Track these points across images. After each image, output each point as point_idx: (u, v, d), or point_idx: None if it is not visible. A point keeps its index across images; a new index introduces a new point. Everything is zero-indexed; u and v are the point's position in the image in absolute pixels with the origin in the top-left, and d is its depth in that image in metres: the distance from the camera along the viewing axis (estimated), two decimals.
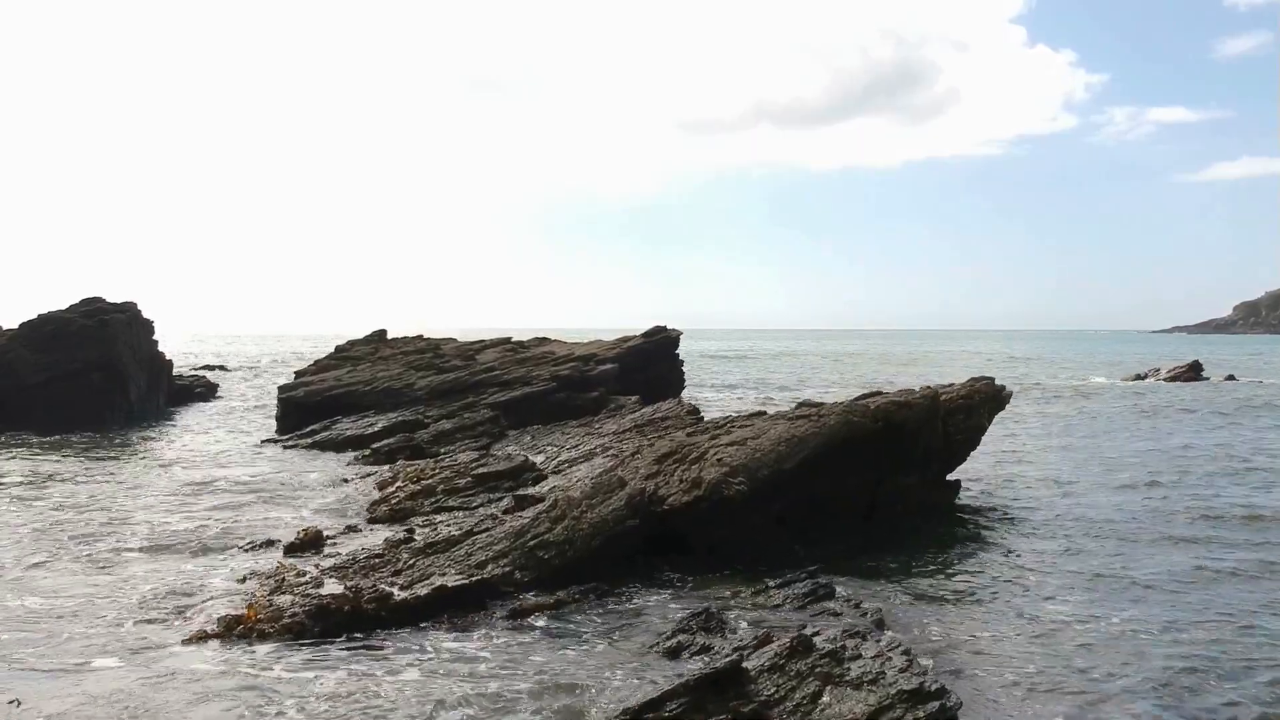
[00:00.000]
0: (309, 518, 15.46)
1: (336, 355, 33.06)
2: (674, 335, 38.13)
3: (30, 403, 29.06)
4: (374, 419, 25.74)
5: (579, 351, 34.71)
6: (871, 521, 15.59)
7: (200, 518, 15.55)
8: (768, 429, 14.17)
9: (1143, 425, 30.53)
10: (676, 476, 13.41)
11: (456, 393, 28.31)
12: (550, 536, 11.61)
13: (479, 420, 23.56)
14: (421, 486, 16.73)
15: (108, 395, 31.51)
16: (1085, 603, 11.25)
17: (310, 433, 25.06)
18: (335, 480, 19.25)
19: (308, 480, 19.29)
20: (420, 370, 29.52)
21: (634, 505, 12.36)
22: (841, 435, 14.37)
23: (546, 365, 31.02)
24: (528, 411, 27.89)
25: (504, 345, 34.42)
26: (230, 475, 19.92)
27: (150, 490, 18.20)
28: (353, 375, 29.40)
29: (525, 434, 23.30)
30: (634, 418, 22.68)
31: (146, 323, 34.36)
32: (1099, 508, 16.97)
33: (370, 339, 35.26)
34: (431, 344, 34.17)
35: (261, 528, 14.74)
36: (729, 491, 12.70)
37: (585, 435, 21.61)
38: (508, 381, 28.63)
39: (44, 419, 28.43)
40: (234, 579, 11.99)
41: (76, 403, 30.41)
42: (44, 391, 29.75)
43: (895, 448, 15.55)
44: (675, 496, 12.98)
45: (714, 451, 13.59)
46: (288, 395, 28.13)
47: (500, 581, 10.95)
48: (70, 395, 30.34)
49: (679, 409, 22.66)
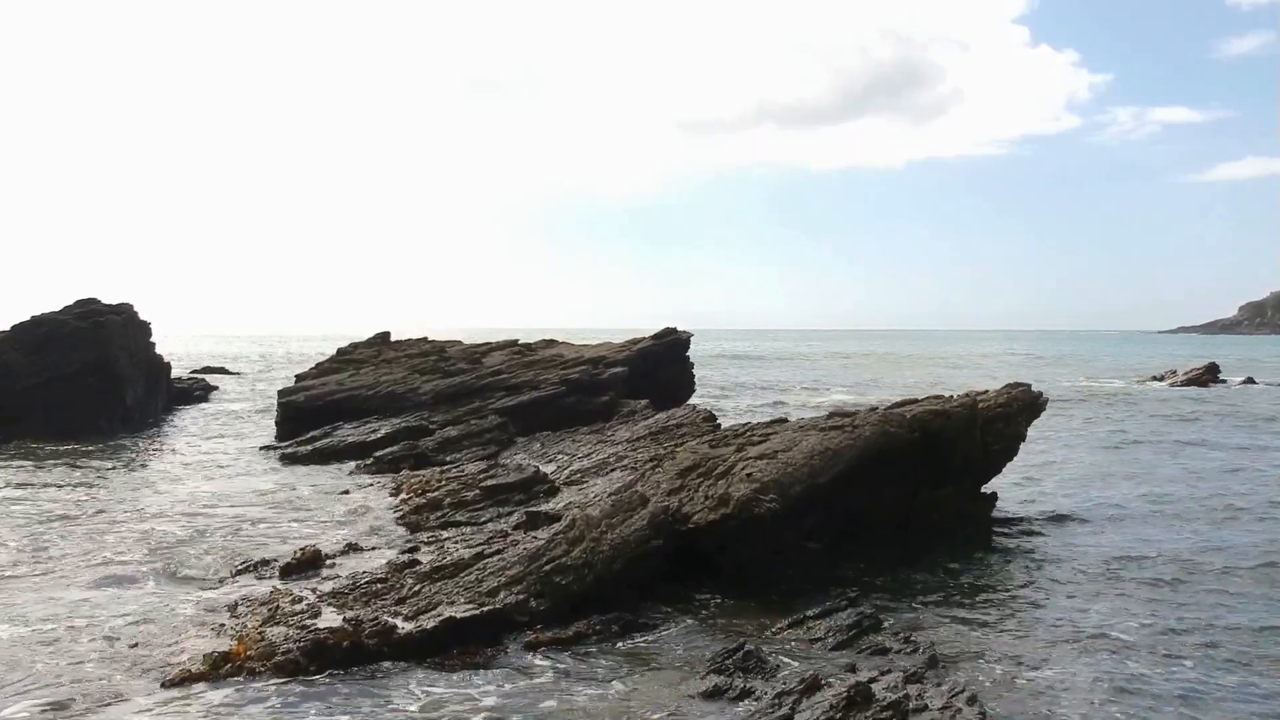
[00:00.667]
0: (306, 535, 14.52)
1: (338, 358, 32.12)
2: (684, 337, 37.17)
3: (22, 408, 28.12)
4: (377, 425, 24.81)
5: (587, 354, 33.76)
6: (906, 536, 14.71)
7: (190, 534, 14.63)
8: (799, 441, 13.21)
9: (1176, 434, 29.41)
10: (702, 492, 12.46)
11: (462, 397, 27.37)
12: (568, 560, 10.67)
13: (486, 427, 22.63)
14: (427, 500, 15.80)
15: (103, 400, 30.59)
16: (1147, 650, 10.24)
17: (310, 439, 24.13)
18: (335, 492, 18.31)
19: (306, 492, 18.36)
20: (425, 374, 28.58)
21: (657, 524, 11.42)
22: (878, 447, 13.44)
23: (555, 368, 30.08)
24: (536, 416, 26.95)
25: (511, 348, 33.49)
26: (225, 488, 19.01)
27: (139, 503, 17.28)
28: (355, 379, 28.47)
29: (534, 441, 22.36)
30: (648, 425, 21.74)
31: (143, 324, 33.46)
32: (1144, 529, 15.95)
33: (373, 341, 34.33)
34: (436, 347, 33.24)
35: (256, 545, 13.81)
36: (759, 510, 11.75)
37: (598, 443, 20.66)
38: (515, 386, 27.69)
39: (36, 425, 27.51)
40: (224, 604, 11.07)
41: (71, 408, 29.49)
42: (36, 396, 28.83)
43: (932, 459, 14.63)
44: (701, 514, 12.04)
45: (742, 465, 12.63)
46: (288, 400, 27.21)
47: (514, 611, 10.01)
48: (64, 400, 29.44)
49: (695, 416, 21.72)
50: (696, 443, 18.70)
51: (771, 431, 18.35)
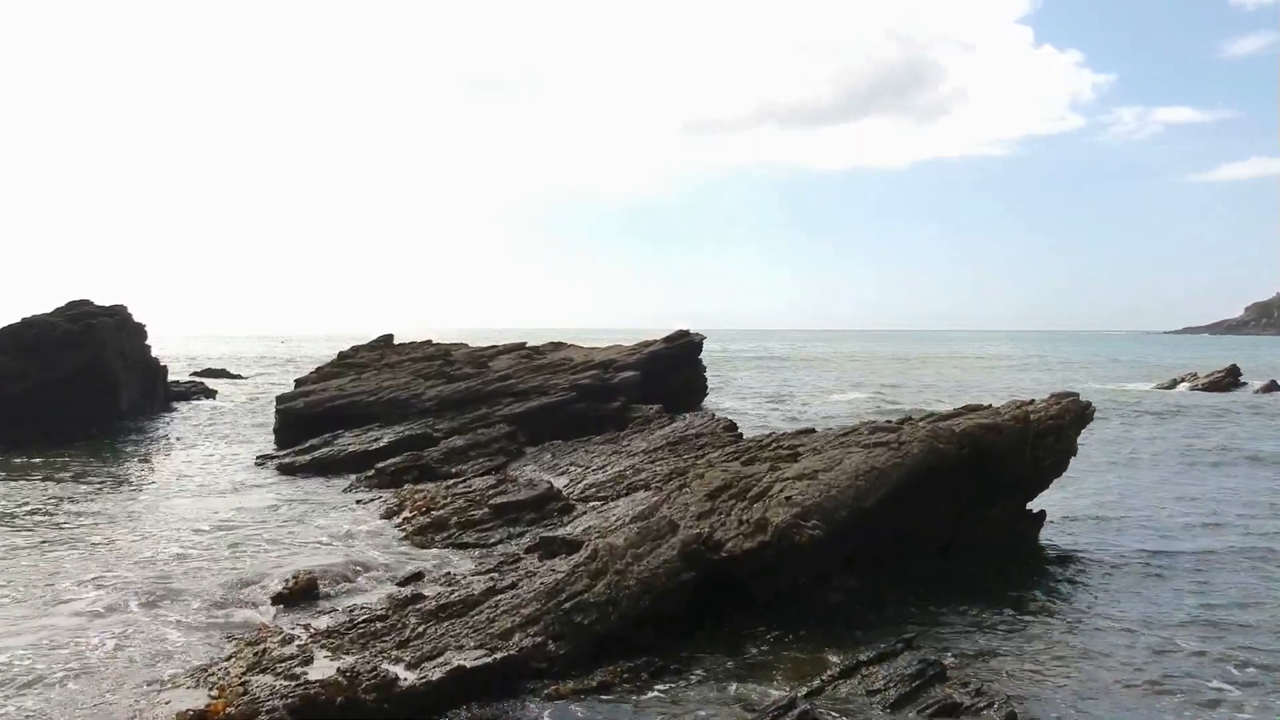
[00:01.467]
0: (302, 557, 13.38)
1: (340, 362, 30.98)
2: (697, 339, 36.06)
3: (11, 414, 27.02)
4: (379, 433, 23.66)
5: (597, 357, 32.60)
6: (953, 559, 13.57)
7: (175, 555, 13.51)
8: (840, 459, 12.04)
9: (1218, 447, 28.06)
10: (735, 516, 11.30)
11: (468, 403, 26.21)
12: (590, 596, 9.51)
13: (494, 436, 21.48)
14: (432, 519, 14.66)
15: (96, 404, 29.51)
16: (1254, 709, 9.07)
17: (309, 448, 22.98)
18: (334, 508, 17.17)
19: (303, 508, 17.22)
20: (429, 379, 27.44)
21: (689, 555, 10.26)
22: (926, 465, 12.27)
23: (564, 373, 28.92)
24: (545, 423, 25.79)
25: (518, 351, 32.34)
26: (216, 502, 17.89)
27: (123, 520, 16.16)
28: (357, 384, 27.33)
29: (545, 451, 21.20)
30: (665, 434, 20.59)
31: (138, 326, 32.36)
32: (1203, 552, 14.74)
33: (376, 344, 33.18)
34: (441, 350, 32.09)
35: (246, 571, 12.67)
36: (801, 538, 10.59)
37: (612, 454, 19.50)
38: (523, 391, 26.53)
39: (26, 431, 26.42)
40: (206, 642, 9.95)
41: (62, 413, 28.41)
42: (26, 402, 27.74)
43: (981, 475, 13.46)
44: (735, 541, 10.88)
45: (780, 487, 11.47)
46: (286, 406, 26.07)
47: (531, 656, 8.86)
48: (55, 405, 28.35)
49: (714, 425, 20.57)
50: (720, 454, 17.56)
51: (799, 443, 17.21)
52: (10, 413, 27.20)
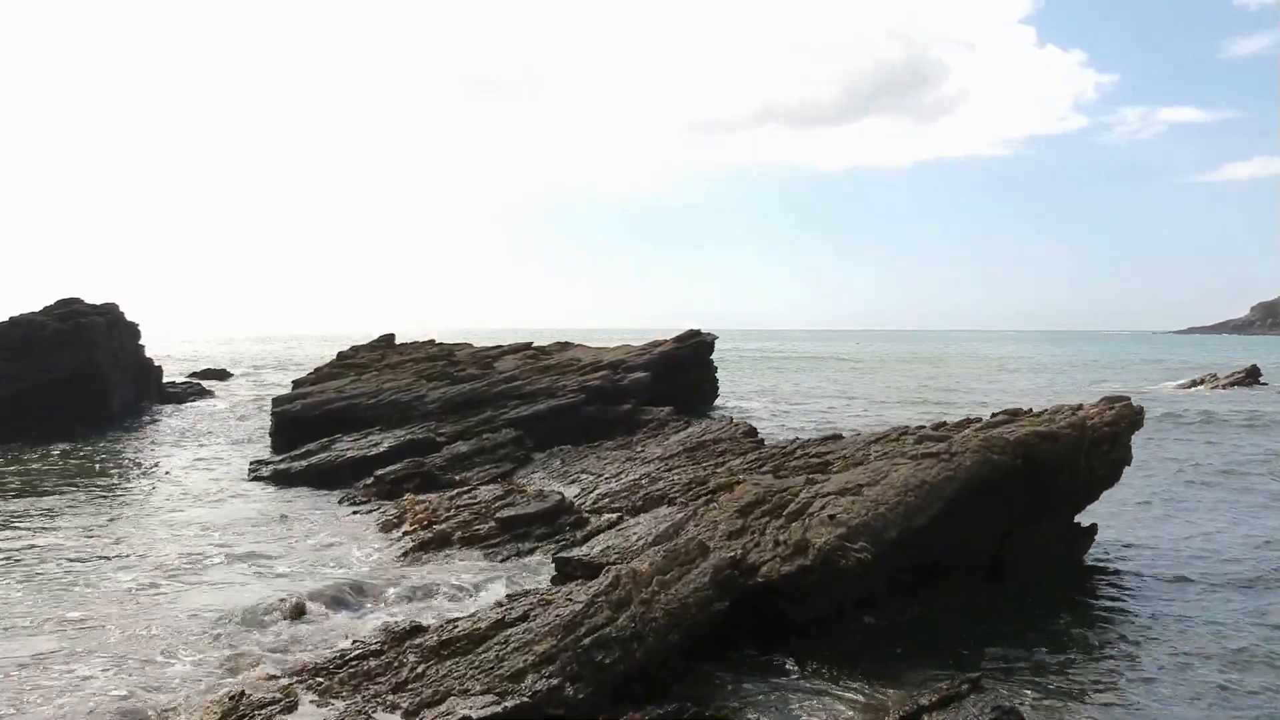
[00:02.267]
0: (290, 577, 12.26)
1: (339, 362, 29.86)
2: (709, 339, 34.92)
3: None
4: (379, 437, 22.55)
5: (606, 358, 31.47)
6: (998, 580, 12.44)
7: (154, 576, 12.39)
8: (885, 472, 10.89)
9: (1262, 447, 26.84)
10: (770, 536, 10.16)
11: (473, 406, 25.08)
12: (612, 630, 8.36)
13: (500, 441, 20.34)
14: (434, 534, 13.52)
15: (86, 406, 28.45)
16: None
17: (305, 454, 21.85)
18: (329, 520, 16.05)
19: (296, 520, 16.11)
20: (432, 380, 26.31)
21: (722, 581, 9.12)
22: (979, 477, 11.11)
23: (572, 374, 27.80)
24: (553, 427, 24.67)
25: (524, 351, 31.21)
26: (205, 513, 16.79)
27: (102, 532, 15.05)
28: (356, 386, 26.21)
29: (554, 457, 20.06)
30: (681, 440, 19.44)
31: (130, 325, 31.27)
32: (1264, 573, 13.57)
33: (377, 344, 32.05)
34: (444, 350, 30.96)
35: (228, 594, 11.55)
36: (847, 561, 9.44)
37: (626, 461, 18.36)
38: (530, 393, 25.40)
39: (13, 434, 25.37)
40: (180, 677, 8.83)
41: (52, 416, 27.35)
42: (13, 404, 26.67)
43: (1035, 487, 12.31)
44: (772, 564, 9.75)
45: (820, 504, 10.32)
46: (282, 409, 24.96)
47: (546, 702, 7.72)
48: (44, 408, 27.29)
49: (733, 430, 19.41)
50: (742, 462, 16.45)
51: (828, 451, 16.10)
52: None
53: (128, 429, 28.95)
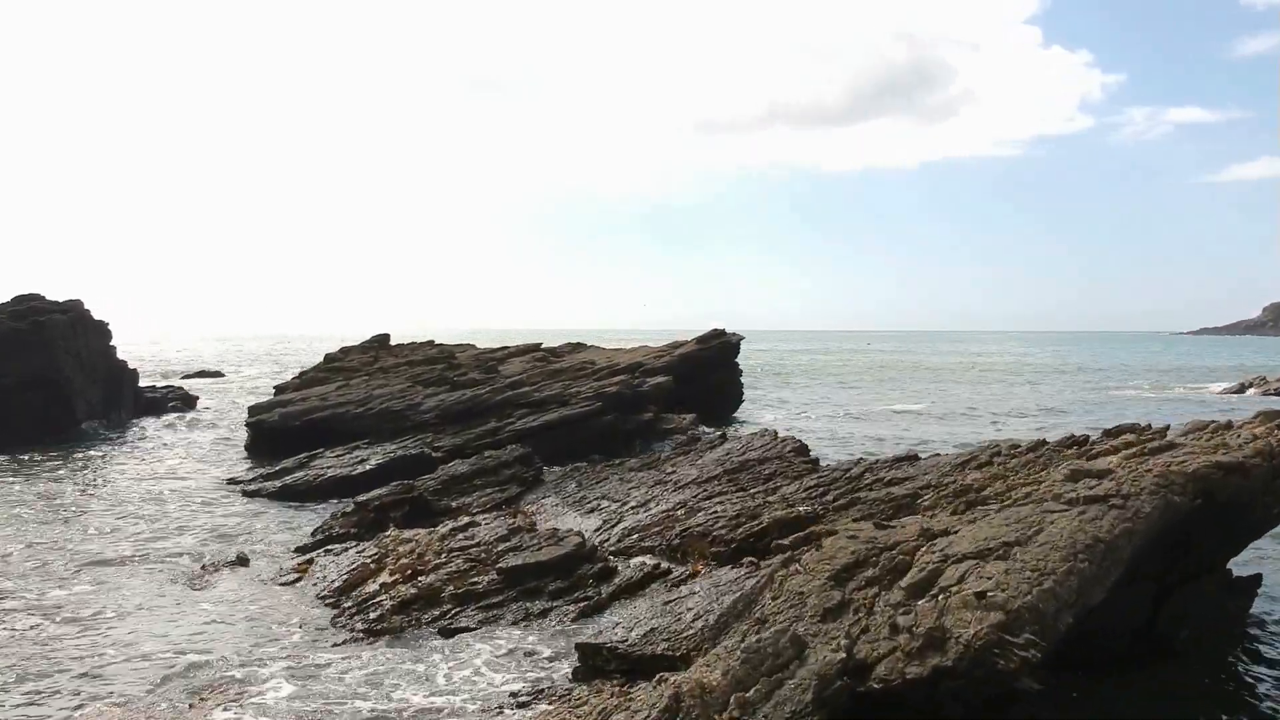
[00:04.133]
0: (232, 648, 9.30)
1: (327, 365, 26.91)
2: (734, 340, 31.93)
3: None
4: (366, 452, 19.63)
5: (622, 360, 28.51)
6: (1154, 655, 9.49)
7: (81, 626, 9.48)
8: (1037, 524, 7.87)
9: None
10: (884, 617, 7.16)
11: (474, 415, 22.17)
12: None
13: (504, 460, 17.35)
14: (419, 588, 10.56)
15: (47, 414, 25.59)
16: None
17: (280, 471, 18.95)
18: (295, 558, 13.11)
19: (256, 560, 13.16)
20: (429, 386, 23.37)
21: (830, 697, 6.14)
22: (1160, 526, 8.11)
23: (586, 379, 24.84)
24: (565, 439, 21.75)
25: (533, 353, 28.25)
26: (156, 545, 13.86)
27: (32, 570, 12.10)
28: (344, 393, 23.26)
29: (568, 479, 17.08)
30: (718, 458, 16.45)
31: (98, 325, 28.37)
32: None
33: (369, 345, 29.09)
34: (444, 352, 28.00)
35: (157, 664, 8.59)
36: (1010, 663, 6.45)
37: (655, 485, 15.38)
38: (539, 401, 22.46)
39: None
40: None
41: (8, 424, 24.52)
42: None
43: (1207, 532, 9.33)
44: (892, 663, 6.75)
45: (953, 572, 7.32)
46: (258, 420, 22.05)
47: None
48: None
49: (779, 446, 16.42)
50: (799, 489, 13.48)
51: (906, 477, 13.17)
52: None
53: (93, 438, 26.05)
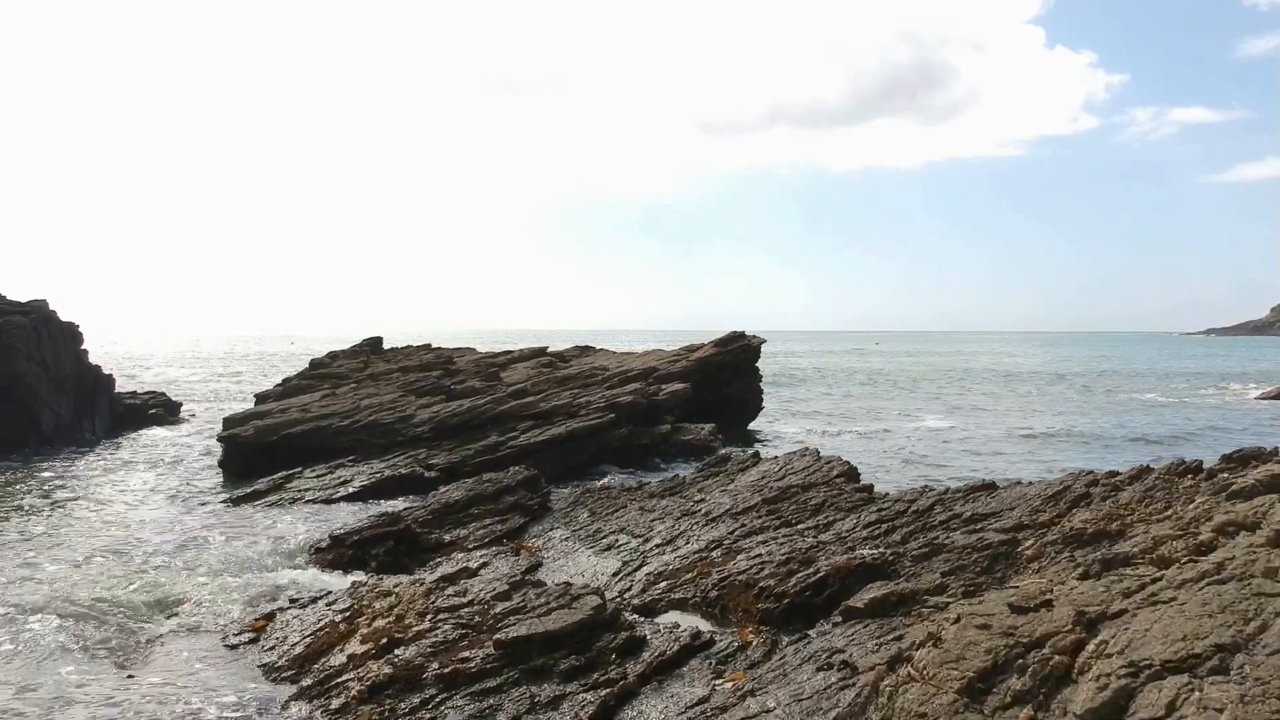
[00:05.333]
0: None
1: (313, 371, 24.67)
2: (755, 344, 29.63)
3: None
4: (350, 472, 17.42)
5: (635, 365, 26.27)
6: None
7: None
8: (1252, 612, 5.60)
9: None
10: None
11: (473, 428, 19.94)
12: None
13: (505, 485, 15.09)
14: (395, 667, 8.30)
15: (7, 426, 23.42)
16: None
17: (252, 495, 16.73)
18: (253, 610, 10.87)
19: (203, 614, 10.93)
20: (423, 395, 21.15)
21: None
22: None
23: (597, 387, 22.61)
24: (574, 456, 19.56)
25: (538, 358, 26.00)
26: (78, 599, 11.58)
27: None
28: (328, 403, 21.05)
29: (579, 506, 14.83)
30: (752, 482, 14.22)
31: (66, 327, 26.17)
32: None
33: (360, 349, 26.81)
34: (441, 357, 25.74)
35: None
36: None
37: (681, 516, 13.14)
38: (546, 413, 20.23)
39: None
40: None
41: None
42: None
43: None
44: None
45: (1159, 696, 5.05)
46: (232, 433, 19.83)
47: None
48: None
49: (824, 469, 14.19)
50: (858, 524, 11.23)
51: (990, 512, 11.03)
52: None
53: (54, 455, 23.84)
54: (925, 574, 9.21)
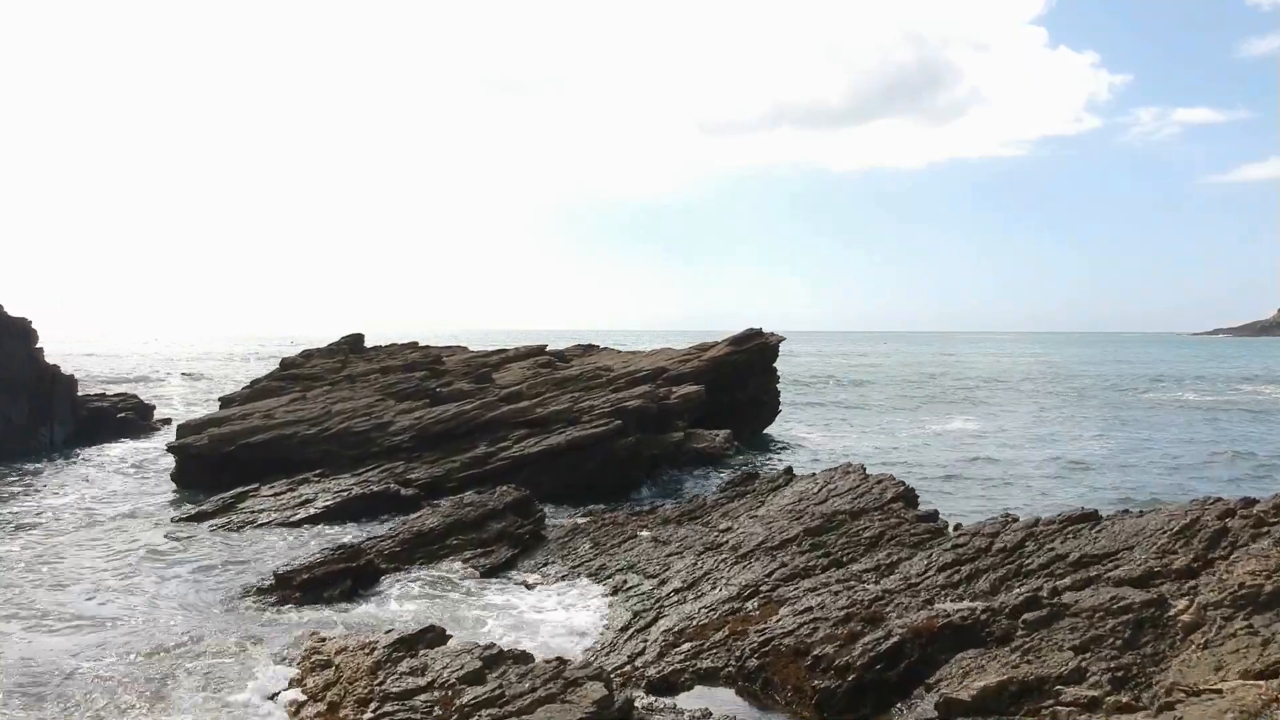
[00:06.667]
0: None
1: (282, 373, 22.26)
2: (773, 342, 27.20)
3: None
4: (315, 489, 15.04)
5: (643, 366, 23.85)
6: None
7: None
8: None
9: None
10: None
11: (459, 437, 17.54)
12: None
13: (491, 509, 12.65)
14: None
15: None
16: None
17: (199, 516, 14.33)
18: (184, 662, 8.46)
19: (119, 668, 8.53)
20: (404, 400, 18.75)
21: None
22: None
23: (601, 390, 20.19)
24: (575, 469, 17.13)
25: (535, 358, 23.58)
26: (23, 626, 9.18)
27: None
28: (296, 408, 18.64)
29: (580, 535, 12.40)
30: (787, 506, 11.80)
31: (17, 324, 23.81)
32: None
33: (338, 348, 24.38)
34: (428, 357, 23.32)
35: None
36: None
37: (704, 550, 10.73)
38: (543, 419, 17.83)
39: None
40: None
41: None
42: None
43: None
44: None
45: None
46: (184, 443, 17.44)
47: None
48: None
49: (875, 490, 11.77)
50: (924, 560, 8.92)
51: (1099, 551, 8.72)
52: None
53: (8, 461, 21.45)
54: (1047, 649, 6.79)
